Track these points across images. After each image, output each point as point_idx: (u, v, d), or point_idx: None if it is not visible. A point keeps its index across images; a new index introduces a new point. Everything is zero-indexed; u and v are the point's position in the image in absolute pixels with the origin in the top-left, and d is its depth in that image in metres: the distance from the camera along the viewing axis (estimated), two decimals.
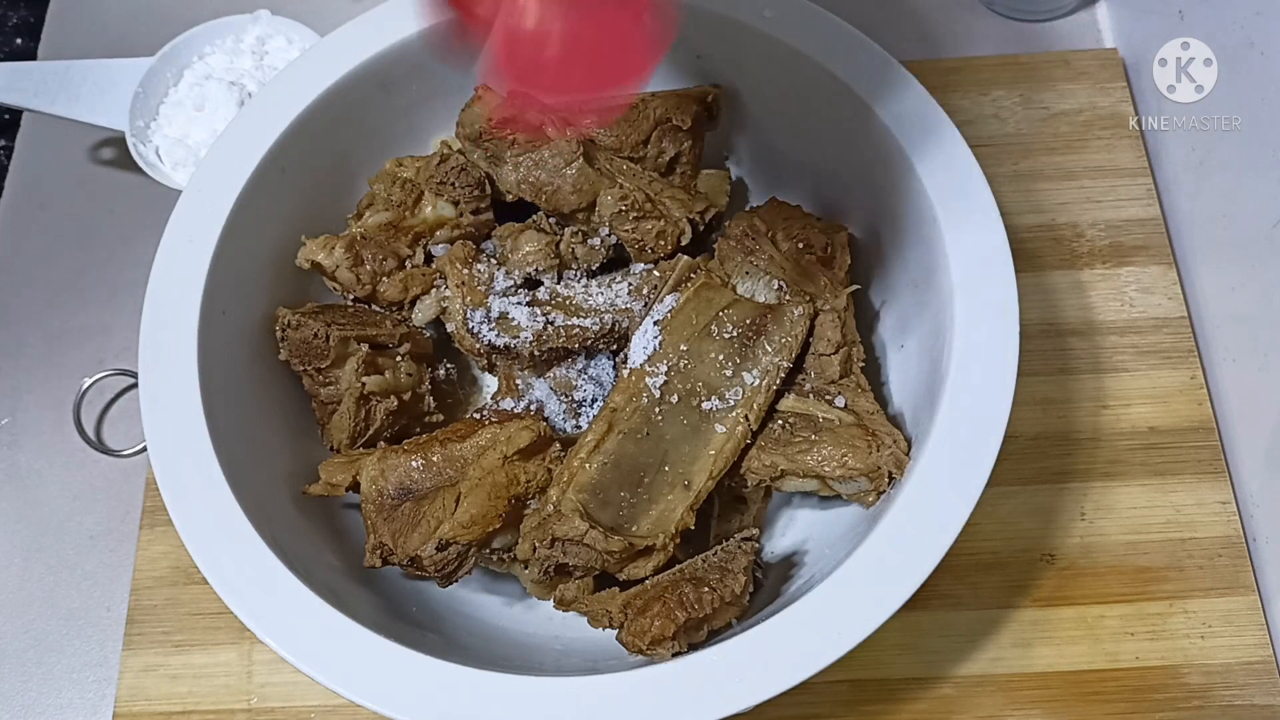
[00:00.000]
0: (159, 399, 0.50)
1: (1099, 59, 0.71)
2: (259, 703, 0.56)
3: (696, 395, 0.52)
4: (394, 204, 0.58)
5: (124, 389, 0.65)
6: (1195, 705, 0.54)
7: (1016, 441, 0.60)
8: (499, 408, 0.56)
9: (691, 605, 0.46)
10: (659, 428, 0.51)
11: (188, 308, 0.52)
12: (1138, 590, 0.57)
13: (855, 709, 0.55)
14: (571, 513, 0.48)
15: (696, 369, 0.52)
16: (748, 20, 0.57)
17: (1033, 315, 0.63)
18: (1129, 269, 0.65)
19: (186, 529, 0.48)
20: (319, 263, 0.57)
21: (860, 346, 0.55)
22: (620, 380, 0.53)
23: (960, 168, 0.54)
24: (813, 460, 0.51)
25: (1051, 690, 0.55)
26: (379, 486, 0.50)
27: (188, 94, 0.70)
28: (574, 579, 0.50)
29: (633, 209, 0.56)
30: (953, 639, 0.56)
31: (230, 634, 0.57)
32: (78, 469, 0.63)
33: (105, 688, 0.57)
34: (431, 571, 0.49)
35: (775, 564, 0.55)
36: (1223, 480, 0.59)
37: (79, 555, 0.61)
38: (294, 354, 0.55)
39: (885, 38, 0.57)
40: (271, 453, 0.54)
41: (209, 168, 0.55)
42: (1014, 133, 0.69)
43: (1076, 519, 0.59)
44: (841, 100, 0.57)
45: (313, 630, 0.46)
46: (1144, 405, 0.61)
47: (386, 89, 0.60)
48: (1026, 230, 0.66)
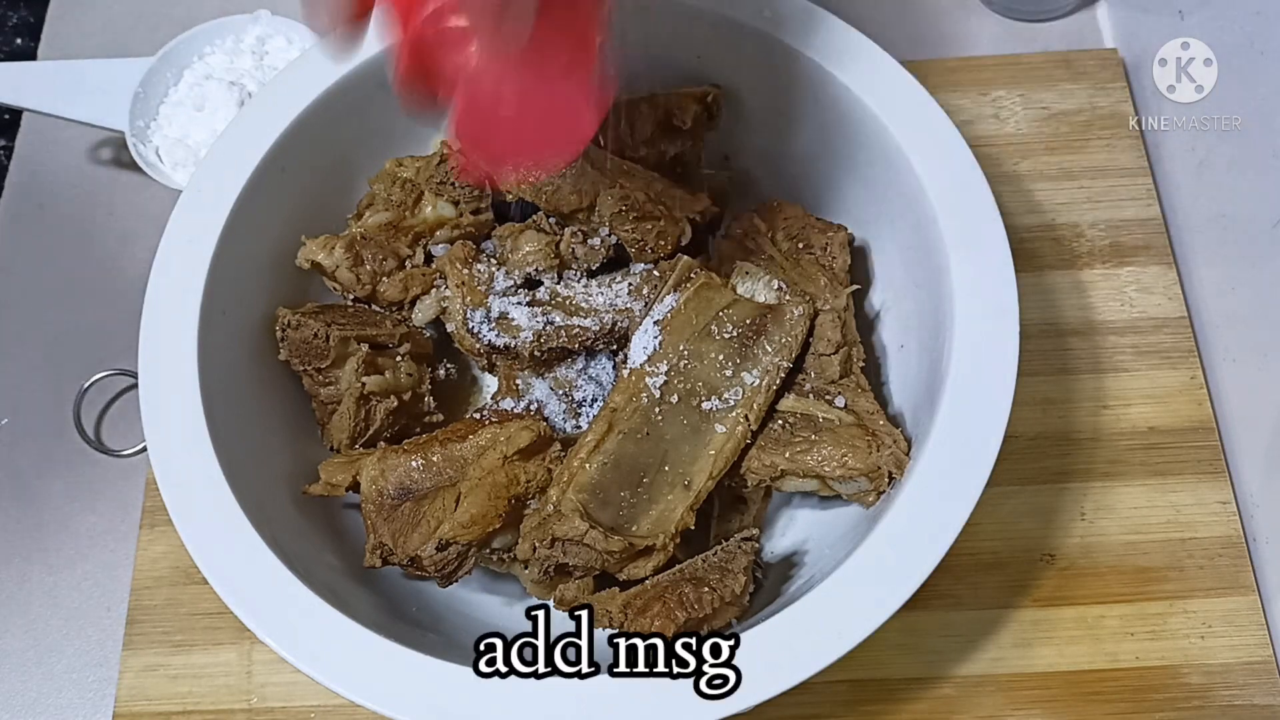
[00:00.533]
0: (159, 399, 0.50)
1: (1099, 59, 0.71)
2: (259, 703, 0.56)
3: (696, 395, 0.52)
4: (394, 204, 0.58)
5: (124, 389, 0.65)
6: (1195, 705, 0.54)
7: (1016, 441, 0.60)
8: (499, 408, 0.56)
9: (691, 605, 0.46)
10: (659, 428, 0.51)
11: (187, 308, 0.52)
12: (1138, 590, 0.57)
13: (855, 709, 0.55)
14: (571, 513, 0.48)
15: (696, 369, 0.52)
16: (747, 20, 0.57)
17: (1033, 315, 0.63)
18: (1129, 269, 0.65)
19: (186, 529, 0.48)
20: (319, 263, 0.57)
21: (860, 346, 0.55)
22: (620, 380, 0.53)
23: (960, 168, 0.54)
24: (813, 460, 0.51)
25: (1051, 690, 0.55)
26: (379, 486, 0.50)
27: (188, 94, 0.70)
28: (574, 579, 0.50)
29: (633, 209, 0.56)
30: (953, 639, 0.56)
31: (230, 634, 0.57)
32: (78, 469, 0.63)
33: (105, 688, 0.57)
34: (431, 571, 0.49)
35: (775, 564, 0.55)
36: (1223, 480, 0.59)
37: (79, 555, 0.61)
38: (294, 354, 0.55)
39: (885, 38, 0.57)
40: (271, 453, 0.54)
41: (209, 168, 0.55)
42: (1014, 133, 0.69)
43: (1076, 519, 0.59)
44: (841, 100, 0.57)
45: (313, 630, 0.46)
46: (1144, 405, 0.61)
47: (386, 89, 0.60)
48: (1026, 230, 0.66)
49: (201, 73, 0.70)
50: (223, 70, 0.70)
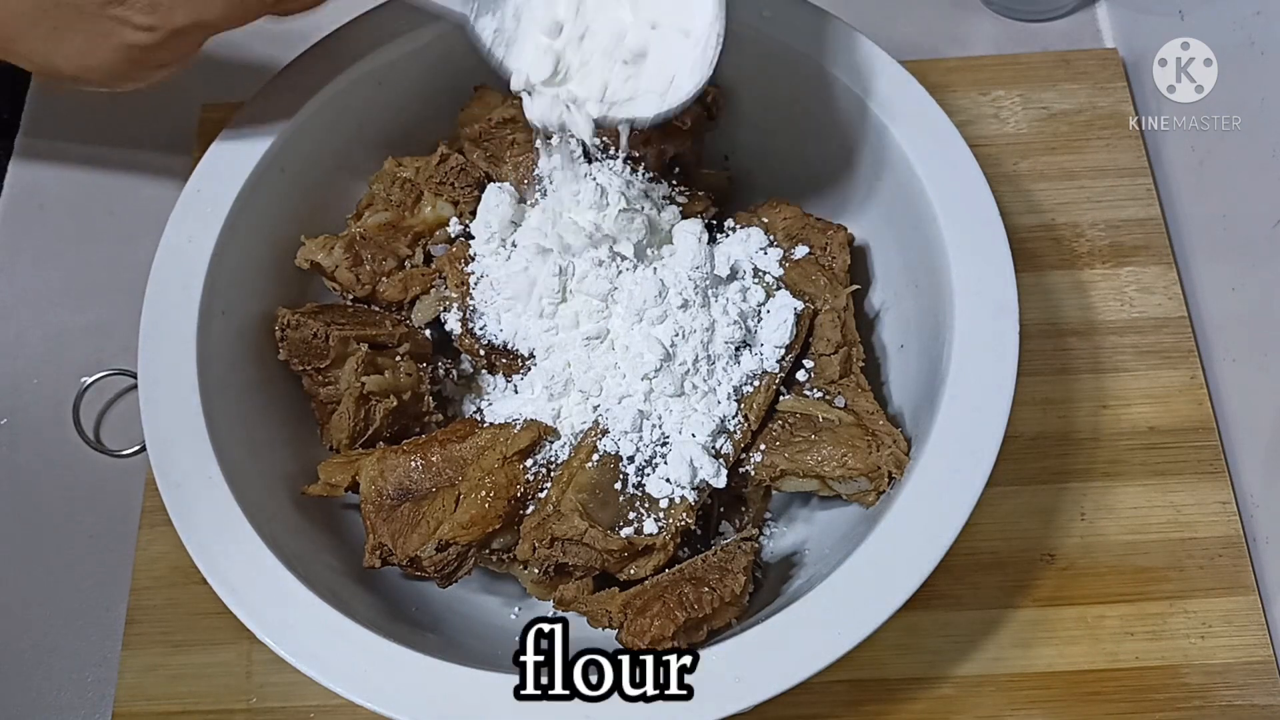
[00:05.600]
0: (158, 399, 0.50)
1: (1099, 59, 0.71)
2: (259, 703, 0.56)
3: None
4: (394, 204, 0.58)
5: (123, 389, 0.65)
6: (1195, 705, 0.54)
7: (1016, 441, 0.60)
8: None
9: (691, 605, 0.46)
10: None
11: (187, 308, 0.52)
12: (1138, 590, 0.57)
13: (855, 709, 0.55)
14: (571, 512, 0.48)
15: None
16: (747, 20, 0.57)
17: (1033, 315, 0.63)
18: (1129, 269, 0.65)
19: (186, 529, 0.48)
20: (318, 263, 0.57)
21: (860, 346, 0.55)
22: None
23: (960, 168, 0.54)
24: (813, 460, 0.51)
25: (1051, 690, 0.55)
26: (378, 487, 0.50)
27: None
28: (574, 579, 0.50)
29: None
30: (953, 639, 0.56)
31: (230, 634, 0.56)
32: (77, 469, 0.63)
33: (105, 688, 0.57)
34: (431, 572, 0.49)
35: (775, 564, 0.55)
36: (1223, 480, 0.59)
37: (79, 555, 0.61)
38: (294, 354, 0.55)
39: (885, 38, 0.57)
40: (271, 453, 0.54)
41: (209, 167, 0.55)
42: (1013, 132, 0.69)
43: (1076, 519, 0.59)
44: (841, 100, 0.57)
45: (313, 630, 0.46)
46: (1144, 405, 0.61)
47: (386, 89, 0.60)
48: (1026, 230, 0.66)
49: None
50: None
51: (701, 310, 0.51)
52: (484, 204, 0.56)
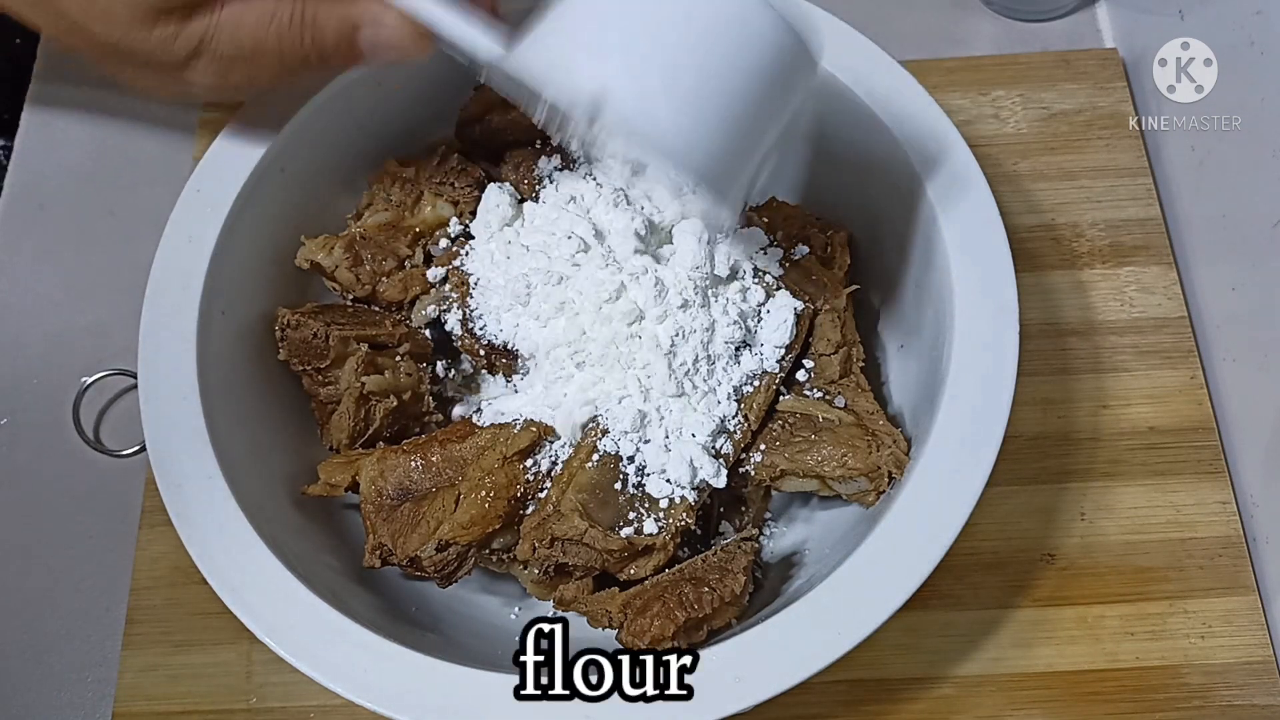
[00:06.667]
0: (158, 399, 0.50)
1: (1099, 59, 0.71)
2: (259, 703, 0.56)
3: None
4: (394, 204, 0.58)
5: (123, 389, 0.65)
6: (1195, 705, 0.54)
7: (1016, 441, 0.60)
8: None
9: (691, 605, 0.46)
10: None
11: (187, 308, 0.52)
12: (1138, 590, 0.57)
13: (855, 709, 0.55)
14: (571, 512, 0.48)
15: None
16: None
17: (1033, 315, 0.63)
18: (1129, 269, 0.65)
19: (186, 529, 0.48)
20: (318, 263, 0.57)
21: (860, 346, 0.55)
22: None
23: (960, 168, 0.54)
24: (812, 460, 0.51)
25: (1051, 690, 0.55)
26: (378, 487, 0.50)
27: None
28: (574, 579, 0.50)
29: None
30: (953, 639, 0.56)
31: (230, 634, 0.56)
32: (77, 469, 0.63)
33: (105, 688, 0.57)
34: (431, 572, 0.49)
35: (775, 564, 0.55)
36: (1223, 480, 0.59)
37: (79, 555, 0.61)
38: (293, 354, 0.55)
39: (885, 38, 0.57)
40: (271, 453, 0.54)
41: (209, 167, 0.55)
42: (1013, 132, 0.69)
43: (1076, 519, 0.59)
44: (840, 101, 0.57)
45: (313, 630, 0.46)
46: (1144, 405, 0.61)
47: (386, 89, 0.60)
48: (1026, 230, 0.66)
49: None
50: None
51: (701, 310, 0.51)
52: (484, 204, 0.56)
